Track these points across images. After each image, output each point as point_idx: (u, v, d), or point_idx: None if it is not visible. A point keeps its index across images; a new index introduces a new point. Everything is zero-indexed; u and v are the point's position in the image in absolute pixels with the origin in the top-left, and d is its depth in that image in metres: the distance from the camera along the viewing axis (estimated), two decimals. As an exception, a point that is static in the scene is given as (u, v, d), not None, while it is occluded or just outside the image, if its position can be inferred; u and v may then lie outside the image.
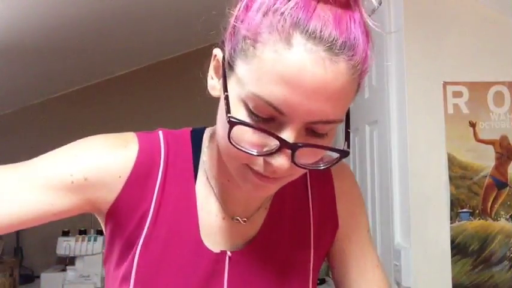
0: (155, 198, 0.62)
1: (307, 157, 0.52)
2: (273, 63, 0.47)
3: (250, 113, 0.50)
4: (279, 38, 0.47)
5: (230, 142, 0.50)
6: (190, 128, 0.68)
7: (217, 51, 0.57)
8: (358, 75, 0.51)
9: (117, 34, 2.26)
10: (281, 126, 0.49)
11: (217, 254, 0.63)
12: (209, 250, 0.63)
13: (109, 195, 0.61)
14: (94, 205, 0.62)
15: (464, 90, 1.45)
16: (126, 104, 2.81)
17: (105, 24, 2.09)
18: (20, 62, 2.18)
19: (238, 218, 0.65)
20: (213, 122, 0.60)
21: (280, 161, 0.50)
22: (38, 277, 2.46)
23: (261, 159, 0.52)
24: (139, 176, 0.61)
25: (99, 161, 0.61)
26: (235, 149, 0.51)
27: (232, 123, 0.49)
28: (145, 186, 0.62)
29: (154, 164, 0.62)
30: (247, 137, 0.50)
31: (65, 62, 2.38)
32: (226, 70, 0.53)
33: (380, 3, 1.67)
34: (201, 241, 0.63)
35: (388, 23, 1.60)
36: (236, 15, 0.52)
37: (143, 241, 0.61)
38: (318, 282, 0.74)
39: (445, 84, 1.46)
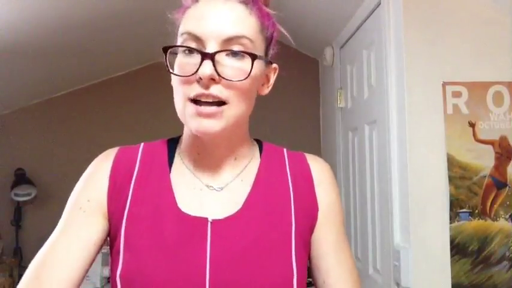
0: (133, 184, 0.74)
1: (230, 71, 0.66)
2: (189, 13, 0.70)
3: (183, 52, 0.68)
4: (191, 1, 0.71)
5: (167, 68, 0.68)
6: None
7: None
8: (255, 14, 0.71)
9: (118, 34, 2.26)
10: (204, 49, 0.66)
11: (196, 217, 0.71)
12: (188, 215, 0.72)
13: (103, 196, 0.74)
14: (106, 215, 0.74)
15: (463, 90, 1.45)
16: (126, 103, 2.81)
17: (105, 24, 2.09)
18: (20, 62, 2.18)
19: (212, 185, 0.75)
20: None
21: (204, 68, 0.64)
22: (38, 277, 2.48)
23: (196, 86, 0.66)
24: (119, 170, 0.75)
25: (89, 177, 0.76)
26: (179, 84, 0.68)
27: (165, 48, 0.68)
28: (124, 177, 0.75)
29: (132, 161, 0.76)
30: (180, 63, 0.68)
31: (65, 62, 2.38)
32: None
33: (379, 3, 1.67)
34: (180, 209, 0.72)
35: (388, 23, 1.60)
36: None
37: (126, 220, 0.72)
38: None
39: (445, 84, 1.46)
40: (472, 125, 1.44)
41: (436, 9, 1.48)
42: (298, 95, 2.83)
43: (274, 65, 0.77)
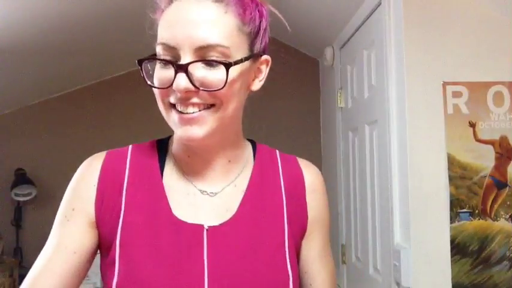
0: (125, 191, 0.72)
1: (205, 81, 0.64)
2: (163, 18, 0.67)
3: (160, 62, 0.66)
4: (165, 4, 0.68)
5: (144, 80, 0.67)
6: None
7: None
8: (232, 10, 0.66)
9: (118, 33, 2.26)
10: (179, 59, 0.64)
11: (192, 224, 0.71)
12: (184, 222, 0.71)
13: (90, 205, 0.72)
14: (94, 224, 0.72)
15: (464, 90, 1.45)
16: (126, 103, 2.81)
17: (105, 25, 2.09)
18: (20, 62, 2.18)
19: (205, 191, 0.74)
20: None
21: (178, 82, 0.63)
22: (38, 277, 2.48)
23: (176, 93, 0.65)
24: (107, 178, 0.72)
25: (75, 185, 0.74)
26: (158, 94, 0.68)
27: (140, 61, 0.67)
28: (114, 185, 0.72)
29: (120, 167, 0.74)
30: (158, 75, 0.66)
31: (65, 62, 2.38)
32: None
33: (380, 3, 1.67)
34: (175, 216, 0.71)
35: (388, 23, 1.60)
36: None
37: (121, 229, 0.70)
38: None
39: (445, 84, 1.46)
40: (472, 125, 1.44)
41: (436, 9, 1.48)
42: (299, 95, 2.83)
43: (265, 57, 0.73)
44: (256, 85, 0.74)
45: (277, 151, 0.84)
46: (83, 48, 2.29)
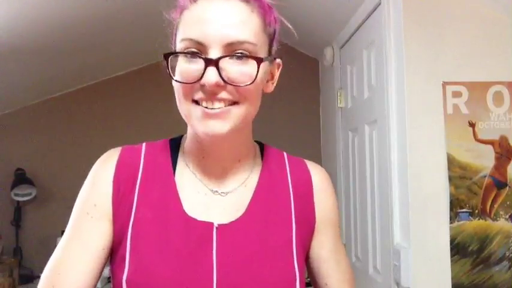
0: (138, 188, 0.73)
1: (235, 76, 0.65)
2: (188, 16, 0.67)
3: (184, 56, 0.66)
4: (188, 3, 0.67)
5: (170, 75, 0.66)
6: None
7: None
8: (257, 11, 0.68)
9: (118, 34, 2.26)
10: (206, 55, 0.64)
11: (202, 222, 0.71)
12: (195, 219, 0.71)
13: (108, 200, 0.72)
14: (111, 219, 0.72)
15: (463, 90, 1.45)
16: (126, 103, 2.81)
17: (105, 25, 2.09)
18: (20, 62, 2.18)
19: (217, 190, 0.75)
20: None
21: (208, 76, 0.63)
22: (38, 277, 2.46)
23: (200, 90, 0.65)
24: (122, 173, 0.73)
25: (93, 181, 0.74)
26: (182, 89, 0.66)
27: (166, 55, 0.66)
28: (128, 180, 0.73)
29: (135, 163, 0.75)
30: (182, 70, 0.66)
31: (65, 62, 2.38)
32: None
33: (379, 3, 1.67)
34: (186, 213, 0.72)
35: (388, 23, 1.60)
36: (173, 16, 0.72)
37: (132, 225, 0.71)
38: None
39: (445, 84, 1.46)
40: (472, 125, 1.44)
41: (436, 9, 1.49)
42: (298, 95, 2.83)
43: (278, 61, 0.76)
44: (270, 87, 0.76)
45: (284, 153, 0.85)
46: (83, 49, 2.29)
